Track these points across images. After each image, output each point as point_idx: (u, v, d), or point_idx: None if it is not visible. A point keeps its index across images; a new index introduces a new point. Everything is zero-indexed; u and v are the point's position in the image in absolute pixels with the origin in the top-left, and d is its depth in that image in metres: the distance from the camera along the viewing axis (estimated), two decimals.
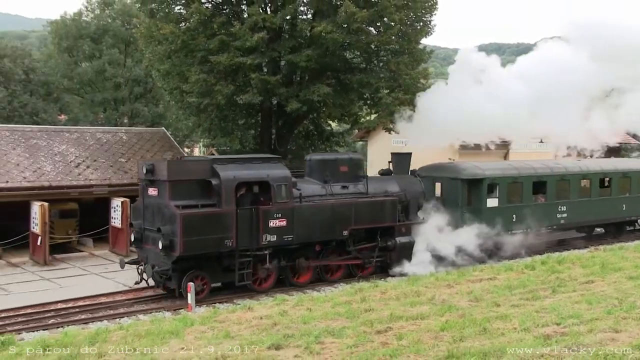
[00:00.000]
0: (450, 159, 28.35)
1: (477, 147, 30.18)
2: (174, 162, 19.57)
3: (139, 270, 19.69)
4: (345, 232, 20.87)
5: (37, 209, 24.38)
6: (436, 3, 29.97)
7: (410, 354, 11.68)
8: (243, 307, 16.98)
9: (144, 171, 19.02)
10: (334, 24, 26.54)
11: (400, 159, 24.30)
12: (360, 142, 47.95)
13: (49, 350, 12.94)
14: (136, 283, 19.83)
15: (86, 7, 49.05)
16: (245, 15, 29.08)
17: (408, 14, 28.89)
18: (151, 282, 19.56)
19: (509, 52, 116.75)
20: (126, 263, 20.15)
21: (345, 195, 21.29)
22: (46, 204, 24.29)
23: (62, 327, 16.23)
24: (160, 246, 17.94)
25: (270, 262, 19.70)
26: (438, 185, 25.23)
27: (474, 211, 24.51)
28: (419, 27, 29.88)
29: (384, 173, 24.12)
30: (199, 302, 18.02)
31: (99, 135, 30.78)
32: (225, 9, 30.52)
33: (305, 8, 30.01)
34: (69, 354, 12.52)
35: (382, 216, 21.82)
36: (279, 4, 28.71)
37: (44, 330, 16.09)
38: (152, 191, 19.00)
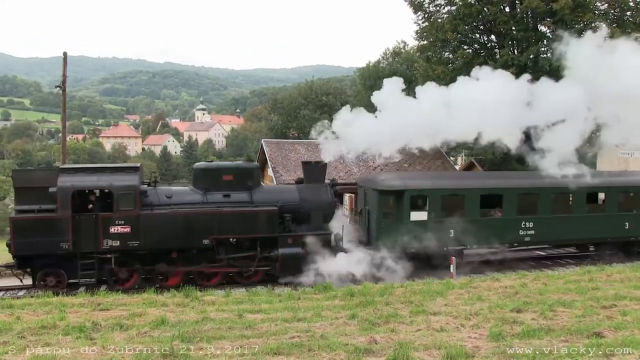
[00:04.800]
0: None
1: None
2: (18, 172, 16.31)
3: None
4: (206, 241, 15.92)
5: (346, 198, 25.61)
6: None
7: (634, 329, 10.32)
8: (492, 278, 16.34)
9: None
10: None
11: (310, 169, 17.66)
12: (590, 154, 43.32)
13: (353, 296, 13.57)
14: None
15: (382, 57, 51.44)
16: (498, 57, 28.14)
17: None
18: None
19: None
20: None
21: (225, 204, 16.20)
22: (353, 195, 25.31)
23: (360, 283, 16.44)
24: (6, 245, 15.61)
25: (129, 264, 15.90)
26: (366, 196, 18.92)
27: (394, 224, 17.75)
28: None
29: (298, 182, 18.08)
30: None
31: None
32: (482, 52, 29.74)
33: (546, 48, 28.16)
34: (366, 300, 13.00)
35: (254, 226, 16.23)
36: (524, 46, 27.33)
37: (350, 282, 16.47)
38: None
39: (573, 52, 17.50)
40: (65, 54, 25.40)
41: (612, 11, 27.12)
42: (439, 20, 29.52)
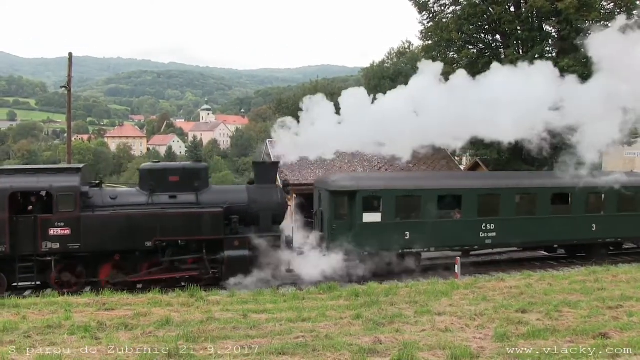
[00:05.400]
0: None
1: None
2: None
3: None
4: (149, 243, 15.38)
5: None
6: None
7: None
8: (497, 278, 16.32)
9: None
10: (575, 60, 24.50)
11: (261, 169, 17.09)
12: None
13: (358, 297, 13.55)
14: None
15: (387, 57, 51.54)
16: (503, 56, 28.09)
17: None
18: None
19: None
20: None
21: (170, 206, 15.73)
22: None
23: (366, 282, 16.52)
24: None
25: (74, 267, 15.38)
26: (320, 197, 18.20)
27: (347, 226, 17.15)
28: None
29: (250, 183, 17.43)
30: None
31: None
32: (487, 52, 29.69)
33: (551, 48, 28.08)
34: (371, 300, 12.99)
35: (198, 228, 15.67)
36: (529, 46, 27.30)
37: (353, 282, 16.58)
38: None
39: (599, 46, 17.00)
40: (70, 54, 25.50)
41: (618, 11, 27.00)
42: (444, 20, 29.46)
